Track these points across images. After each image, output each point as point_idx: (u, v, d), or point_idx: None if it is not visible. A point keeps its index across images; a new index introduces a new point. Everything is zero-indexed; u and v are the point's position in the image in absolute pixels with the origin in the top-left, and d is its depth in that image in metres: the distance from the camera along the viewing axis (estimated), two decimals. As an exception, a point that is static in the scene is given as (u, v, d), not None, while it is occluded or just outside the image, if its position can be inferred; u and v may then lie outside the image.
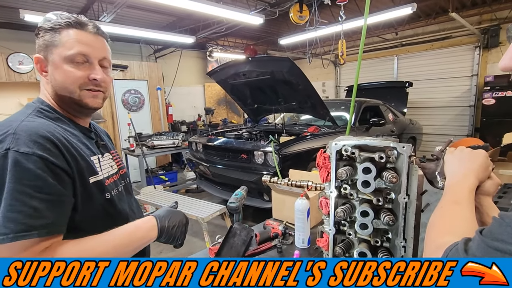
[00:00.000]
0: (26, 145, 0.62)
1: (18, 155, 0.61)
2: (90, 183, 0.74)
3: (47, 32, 0.75)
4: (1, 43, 5.02)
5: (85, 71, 0.77)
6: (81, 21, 0.78)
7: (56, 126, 0.73)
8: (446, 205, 0.62)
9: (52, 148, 0.66)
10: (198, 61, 8.30)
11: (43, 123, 0.71)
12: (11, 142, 0.62)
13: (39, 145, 0.64)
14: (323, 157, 0.88)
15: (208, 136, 4.07)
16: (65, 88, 0.77)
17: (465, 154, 0.68)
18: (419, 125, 5.90)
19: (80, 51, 0.76)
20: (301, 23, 4.27)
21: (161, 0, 3.29)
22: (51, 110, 0.78)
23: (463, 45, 6.20)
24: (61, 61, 0.75)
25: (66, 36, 0.75)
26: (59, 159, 0.66)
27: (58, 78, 0.76)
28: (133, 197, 0.99)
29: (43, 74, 0.78)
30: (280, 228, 1.33)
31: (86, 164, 0.74)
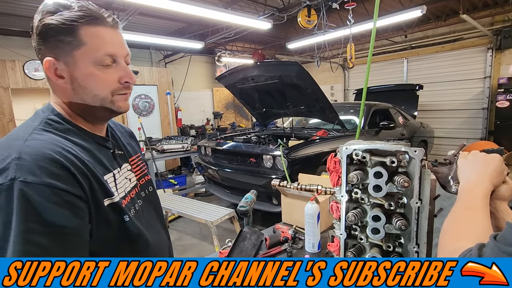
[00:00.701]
0: (32, 173, 0.54)
1: (25, 186, 0.53)
2: (105, 205, 0.65)
3: (60, 30, 0.62)
4: (18, 51, 5.21)
5: (115, 74, 0.68)
6: (100, 15, 0.66)
7: (65, 141, 0.63)
8: (460, 210, 0.61)
9: (61, 172, 0.57)
10: (207, 66, 8.40)
11: (49, 140, 0.60)
12: (15, 170, 0.53)
13: (46, 170, 0.55)
14: (334, 161, 0.88)
15: (217, 140, 4.10)
16: (95, 96, 0.67)
17: (479, 158, 0.67)
18: (430, 128, 5.80)
19: (107, 52, 0.66)
20: (309, 27, 4.28)
21: (172, 7, 3.35)
22: (61, 120, 0.67)
23: (475, 47, 6.09)
24: (86, 65, 0.64)
25: (87, 35, 0.63)
26: (70, 183, 0.58)
27: (86, 85, 0.66)
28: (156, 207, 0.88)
29: (58, 79, 0.65)
30: (290, 232, 1.33)
31: (100, 185, 0.64)
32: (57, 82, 0.65)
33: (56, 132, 0.63)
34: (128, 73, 0.70)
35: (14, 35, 5.29)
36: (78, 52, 0.63)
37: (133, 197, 0.77)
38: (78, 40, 0.63)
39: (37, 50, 0.65)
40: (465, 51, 6.23)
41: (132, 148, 0.87)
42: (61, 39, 0.62)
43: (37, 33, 0.63)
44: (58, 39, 0.62)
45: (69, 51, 0.63)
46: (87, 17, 0.64)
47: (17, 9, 4.45)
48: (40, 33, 0.62)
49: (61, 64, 0.64)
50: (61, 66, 0.64)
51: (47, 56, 0.63)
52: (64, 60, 0.64)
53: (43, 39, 0.63)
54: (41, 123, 0.64)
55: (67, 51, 0.63)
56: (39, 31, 0.62)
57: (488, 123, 6.09)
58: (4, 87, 4.78)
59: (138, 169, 0.85)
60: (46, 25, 0.62)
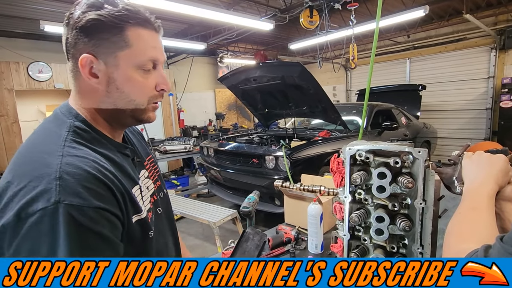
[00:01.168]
0: (78, 195, 0.49)
1: (71, 209, 0.48)
2: (133, 222, 0.61)
3: (108, 27, 0.57)
4: (22, 52, 5.26)
5: (153, 80, 0.64)
6: (148, 17, 0.62)
7: (100, 156, 0.58)
8: (464, 211, 0.61)
9: (105, 192, 0.53)
10: (209, 67, 8.42)
11: (87, 156, 0.55)
12: (58, 191, 0.48)
13: (92, 192, 0.51)
14: (337, 162, 0.88)
15: (219, 141, 4.11)
16: (130, 101, 0.63)
17: (484, 159, 0.67)
18: (433, 128, 5.77)
19: (151, 57, 0.62)
20: (311, 28, 4.28)
21: (174, 8, 3.37)
22: (87, 128, 0.61)
23: (479, 47, 6.06)
24: (129, 68, 0.60)
25: (134, 37, 0.59)
26: (112, 204, 0.54)
27: (124, 88, 0.61)
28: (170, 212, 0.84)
29: (91, 79, 0.60)
30: (293, 233, 1.33)
31: (131, 202, 0.60)
32: (90, 81, 0.60)
33: (87, 144, 0.59)
34: (165, 80, 0.66)
35: (18, 37, 5.33)
36: (122, 53, 0.59)
37: (151, 207, 0.72)
38: (124, 40, 0.59)
39: (71, 44, 0.59)
40: (468, 51, 6.19)
41: (144, 150, 0.82)
42: (107, 37, 0.58)
43: (79, 27, 0.57)
44: (103, 37, 0.58)
45: (113, 51, 0.59)
46: (137, 19, 0.60)
47: (21, 11, 4.49)
48: (83, 28, 0.57)
49: (100, 63, 0.59)
50: (99, 66, 0.59)
51: (85, 53, 0.58)
52: (105, 59, 0.59)
53: (85, 34, 0.57)
54: (69, 132, 0.58)
55: (111, 50, 0.59)
56: (82, 25, 0.56)
57: (492, 124, 6.05)
58: (8, 88, 4.82)
59: (152, 174, 0.79)
60: (92, 20, 0.56)
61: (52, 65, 5.15)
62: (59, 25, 3.95)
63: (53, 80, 5.19)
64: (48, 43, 5.54)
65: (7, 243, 0.48)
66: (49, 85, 5.17)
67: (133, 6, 0.61)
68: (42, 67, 5.06)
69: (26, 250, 0.47)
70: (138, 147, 0.79)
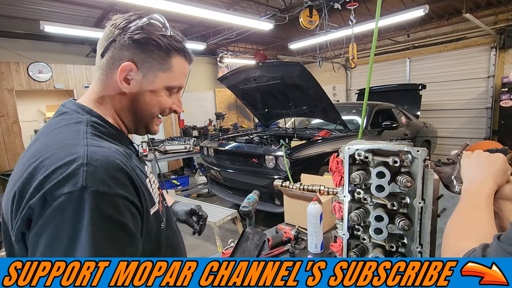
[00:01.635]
0: (105, 183, 0.50)
1: (98, 196, 0.49)
2: (151, 215, 0.63)
3: (160, 50, 0.65)
4: (22, 53, 5.26)
5: (171, 101, 0.72)
6: (190, 52, 0.71)
7: (120, 149, 0.60)
8: (463, 210, 0.61)
9: (129, 184, 0.55)
10: (209, 67, 8.42)
11: (110, 148, 0.57)
12: (85, 177, 0.49)
13: (117, 181, 0.52)
14: (336, 162, 0.88)
15: (219, 140, 4.11)
16: (149, 113, 0.70)
17: (483, 158, 0.67)
18: (433, 128, 5.77)
19: (180, 84, 0.71)
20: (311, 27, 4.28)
21: (174, 8, 3.37)
22: (103, 123, 0.64)
23: (478, 46, 6.05)
24: (161, 87, 0.68)
25: (177, 65, 0.68)
26: (135, 196, 0.56)
27: (150, 102, 0.68)
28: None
29: (123, 83, 0.64)
30: (293, 232, 1.33)
31: (148, 194, 0.63)
32: (121, 85, 0.64)
33: (106, 138, 0.61)
34: (181, 104, 0.75)
35: (19, 38, 5.33)
36: (163, 74, 0.66)
37: (161, 199, 0.75)
38: (168, 65, 0.66)
39: (116, 47, 0.63)
40: (468, 51, 6.19)
41: None
42: (156, 57, 0.65)
43: (134, 38, 0.63)
44: (152, 56, 0.64)
45: (156, 70, 0.66)
46: (183, 51, 0.69)
47: (21, 12, 4.49)
48: (139, 41, 0.63)
49: (139, 74, 0.65)
50: (137, 76, 0.65)
51: (129, 60, 0.63)
52: (145, 73, 0.65)
53: (138, 47, 0.63)
54: (87, 126, 0.60)
55: (154, 69, 0.65)
56: (138, 38, 0.63)
57: (492, 123, 6.04)
58: (8, 89, 4.82)
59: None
60: (150, 39, 0.63)
61: (52, 65, 5.15)
62: (59, 26, 3.95)
63: (53, 81, 5.19)
64: (48, 44, 5.54)
65: (32, 225, 0.49)
66: (49, 85, 5.17)
67: (181, 37, 0.70)
68: (42, 67, 5.06)
69: (47, 233, 0.47)
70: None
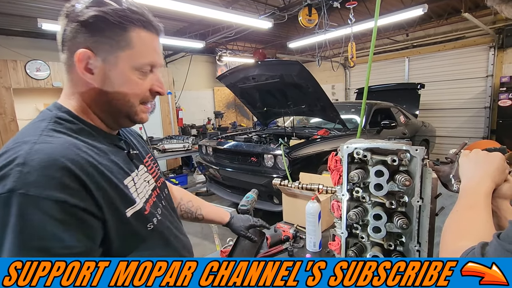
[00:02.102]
0: (37, 184, 0.45)
1: (26, 199, 0.44)
2: (128, 216, 0.58)
3: (112, 26, 0.57)
4: (20, 51, 5.22)
5: (148, 82, 0.64)
6: (151, 20, 0.62)
7: (80, 144, 0.55)
8: (461, 209, 0.61)
9: (73, 184, 0.49)
10: (208, 66, 8.40)
11: (62, 144, 0.52)
12: (16, 179, 0.45)
13: (54, 181, 0.47)
14: (335, 160, 0.88)
15: (218, 139, 4.10)
16: (126, 101, 0.62)
17: (481, 156, 0.67)
18: (432, 127, 5.78)
19: (150, 61, 0.62)
20: (310, 26, 4.28)
21: (173, 6, 3.35)
22: (73, 118, 0.59)
23: (477, 46, 6.06)
24: (128, 69, 0.60)
25: (137, 39, 0.59)
26: (82, 197, 0.50)
27: (120, 88, 0.61)
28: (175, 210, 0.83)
29: (86, 74, 0.58)
30: (291, 231, 1.33)
31: (119, 194, 0.57)
32: (84, 76, 0.59)
33: (68, 133, 0.56)
34: (161, 83, 0.66)
35: (16, 35, 5.30)
36: (123, 53, 0.59)
37: (155, 201, 0.70)
38: (126, 41, 0.59)
39: (68, 37, 0.58)
40: (467, 50, 6.20)
41: (143, 147, 0.81)
42: (110, 35, 0.57)
43: (80, 20, 0.56)
44: (105, 35, 0.57)
45: (114, 50, 0.58)
46: (141, 20, 0.60)
47: (19, 9, 4.46)
48: (86, 22, 0.55)
49: (98, 60, 0.58)
50: (97, 62, 0.58)
51: (83, 48, 0.57)
52: (104, 57, 0.58)
53: (87, 29, 0.56)
54: (50, 122, 0.56)
55: (112, 49, 0.58)
56: (85, 19, 0.55)
57: (490, 122, 6.06)
58: (6, 87, 4.80)
59: (153, 170, 0.78)
60: (97, 17, 0.55)
61: (50, 63, 5.12)
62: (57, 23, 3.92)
63: (51, 79, 5.17)
64: (46, 41, 5.51)
65: None
66: (47, 83, 5.14)
67: (138, 7, 0.60)
68: (40, 65, 5.03)
69: None
70: (137, 146, 0.79)
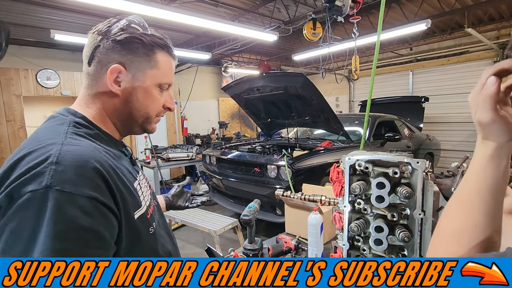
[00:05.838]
0: (73, 182, 0.49)
1: (62, 196, 0.48)
2: (135, 218, 0.61)
3: (143, 47, 0.66)
4: (32, 60, 5.38)
5: (163, 99, 0.73)
6: (171, 47, 0.73)
7: (101, 148, 0.60)
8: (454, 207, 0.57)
9: (102, 184, 0.53)
10: (213, 76, 8.53)
11: (89, 147, 0.57)
12: (52, 176, 0.48)
13: (88, 180, 0.51)
14: (337, 172, 0.89)
15: (221, 149, 4.12)
16: (145, 113, 0.70)
17: None
18: (436, 140, 5.75)
19: (169, 80, 0.72)
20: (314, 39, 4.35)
21: (181, 19, 3.45)
22: (88, 124, 0.64)
23: (481, 60, 6.09)
24: (152, 85, 0.69)
25: (162, 61, 0.69)
26: (108, 197, 0.54)
27: (144, 101, 0.69)
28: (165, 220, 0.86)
29: (114, 86, 0.65)
30: (293, 242, 1.32)
31: (131, 197, 0.61)
32: (111, 87, 0.65)
33: (86, 137, 0.61)
34: (172, 101, 0.76)
35: (28, 45, 5.47)
36: (151, 72, 0.68)
37: (154, 205, 0.75)
38: (155, 62, 0.68)
39: (101, 52, 0.64)
40: (471, 64, 6.22)
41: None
42: (142, 55, 0.66)
43: (117, 40, 0.64)
44: (138, 54, 0.66)
45: (144, 68, 0.67)
46: (166, 47, 0.70)
47: (32, 20, 4.63)
48: (123, 42, 0.64)
49: (128, 75, 0.66)
50: (126, 77, 0.66)
51: (116, 63, 0.64)
52: (134, 73, 0.66)
53: (123, 48, 0.64)
54: (69, 126, 0.60)
55: (142, 67, 0.67)
56: (122, 39, 0.64)
57: (495, 137, 6.00)
58: (16, 94, 4.91)
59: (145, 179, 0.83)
60: (133, 38, 0.65)
61: (60, 72, 5.26)
62: (68, 34, 4.06)
63: (60, 87, 5.29)
64: (57, 51, 5.68)
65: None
66: (56, 92, 5.26)
67: (161, 34, 0.71)
68: (51, 74, 5.16)
69: (9, 229, 0.47)
70: None
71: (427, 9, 4.91)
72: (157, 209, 0.80)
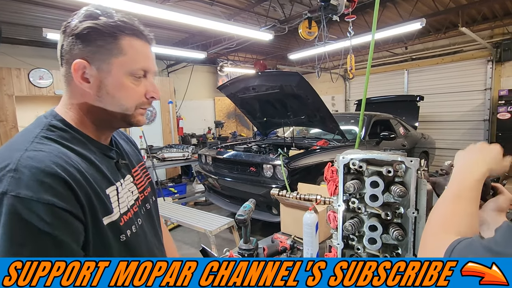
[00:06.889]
0: (29, 187, 0.49)
1: (17, 201, 0.47)
2: (105, 225, 0.60)
3: (103, 35, 0.61)
4: (24, 59, 5.31)
5: (143, 88, 0.67)
6: (141, 29, 0.66)
7: (69, 153, 0.58)
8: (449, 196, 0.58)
9: (62, 189, 0.52)
10: (209, 76, 8.50)
11: (52, 151, 0.55)
12: (9, 183, 0.48)
13: (45, 186, 0.50)
14: (331, 171, 0.88)
15: (217, 149, 4.11)
16: (120, 106, 0.65)
17: (478, 145, 0.66)
18: (431, 139, 5.79)
19: (142, 66, 0.66)
20: (310, 38, 4.35)
21: (176, 18, 3.43)
22: (65, 126, 0.62)
23: (475, 59, 6.15)
24: (121, 75, 0.63)
25: (128, 46, 0.63)
26: (70, 202, 0.52)
27: (115, 94, 0.64)
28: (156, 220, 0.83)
29: (83, 83, 0.62)
30: (288, 242, 1.32)
31: (101, 202, 0.60)
32: (81, 85, 0.62)
33: (59, 141, 0.59)
34: (155, 88, 0.70)
35: (21, 44, 5.39)
36: (116, 60, 0.62)
37: (136, 211, 0.72)
38: (118, 48, 0.62)
39: (65, 51, 0.61)
40: (465, 63, 6.28)
41: (135, 157, 0.83)
42: (102, 44, 0.61)
43: (75, 34, 0.60)
44: (98, 44, 0.61)
45: (107, 58, 0.62)
46: (131, 30, 0.64)
47: (24, 19, 4.56)
48: (80, 35, 0.60)
49: (93, 69, 0.61)
50: (92, 71, 0.62)
51: (78, 58, 0.60)
52: (98, 65, 0.62)
53: (81, 41, 0.60)
54: (42, 129, 0.59)
55: (105, 57, 0.62)
56: (79, 32, 0.60)
57: (489, 135, 6.08)
58: (8, 94, 4.85)
59: (141, 180, 0.80)
60: (89, 28, 0.60)
61: (53, 71, 5.19)
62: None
63: (53, 87, 5.23)
64: (50, 50, 5.60)
65: None
66: (49, 91, 5.20)
67: (129, 18, 0.65)
68: (43, 73, 5.10)
69: None
70: (130, 155, 0.81)
71: (422, 9, 4.95)
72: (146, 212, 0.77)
